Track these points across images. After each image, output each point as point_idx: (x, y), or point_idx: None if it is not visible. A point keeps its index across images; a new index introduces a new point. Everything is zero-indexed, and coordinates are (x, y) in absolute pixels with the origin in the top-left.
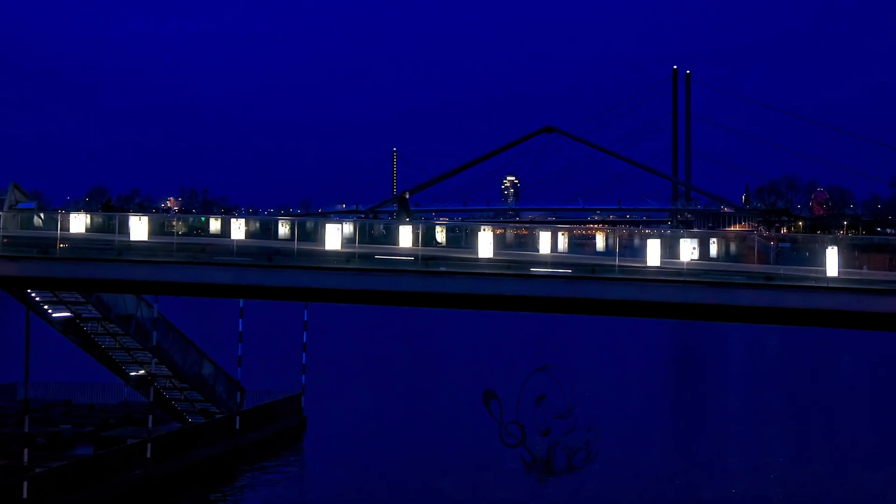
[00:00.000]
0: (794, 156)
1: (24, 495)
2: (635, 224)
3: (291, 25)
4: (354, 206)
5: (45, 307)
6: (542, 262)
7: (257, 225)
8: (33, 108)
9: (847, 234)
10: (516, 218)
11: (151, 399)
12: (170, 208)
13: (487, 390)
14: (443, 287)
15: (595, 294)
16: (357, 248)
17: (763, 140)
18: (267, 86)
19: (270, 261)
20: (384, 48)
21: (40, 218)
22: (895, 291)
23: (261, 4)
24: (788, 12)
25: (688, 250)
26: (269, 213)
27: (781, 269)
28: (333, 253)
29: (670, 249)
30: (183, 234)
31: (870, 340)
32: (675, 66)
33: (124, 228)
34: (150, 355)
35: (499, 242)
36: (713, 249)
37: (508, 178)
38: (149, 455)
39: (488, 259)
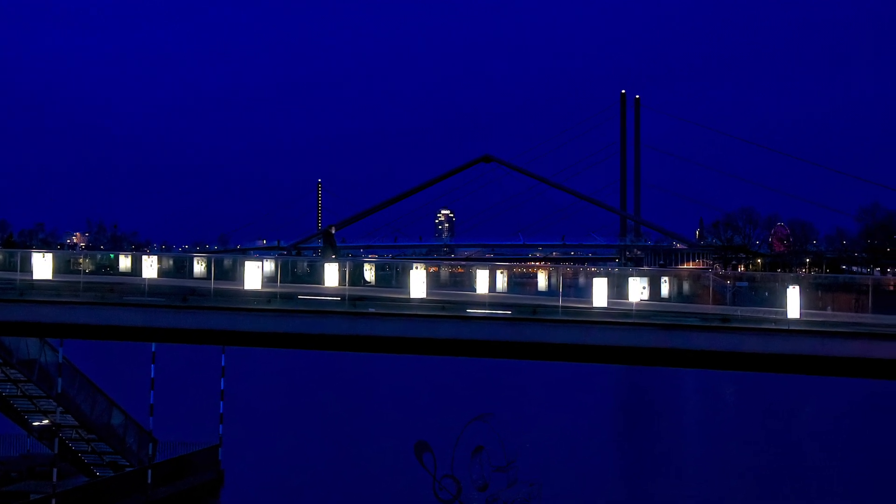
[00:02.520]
0: (753, 187)
1: None
2: (580, 262)
3: (211, 45)
4: (276, 242)
5: None
6: (480, 302)
7: (171, 262)
8: None
9: (810, 272)
10: (451, 255)
11: (56, 451)
12: (76, 244)
13: (420, 441)
14: (372, 330)
15: (537, 337)
16: (279, 288)
17: (719, 170)
18: (183, 110)
19: (185, 301)
20: (309, 70)
21: None
22: (862, 335)
23: (179, 22)
24: (746, 32)
25: (637, 290)
26: (184, 250)
27: (738, 311)
28: (253, 293)
29: (618, 289)
30: (90, 273)
31: (835, 387)
32: (623, 91)
33: (27, 266)
34: (54, 403)
35: (432, 281)
36: (665, 289)
37: (443, 211)
38: None
39: (421, 299)
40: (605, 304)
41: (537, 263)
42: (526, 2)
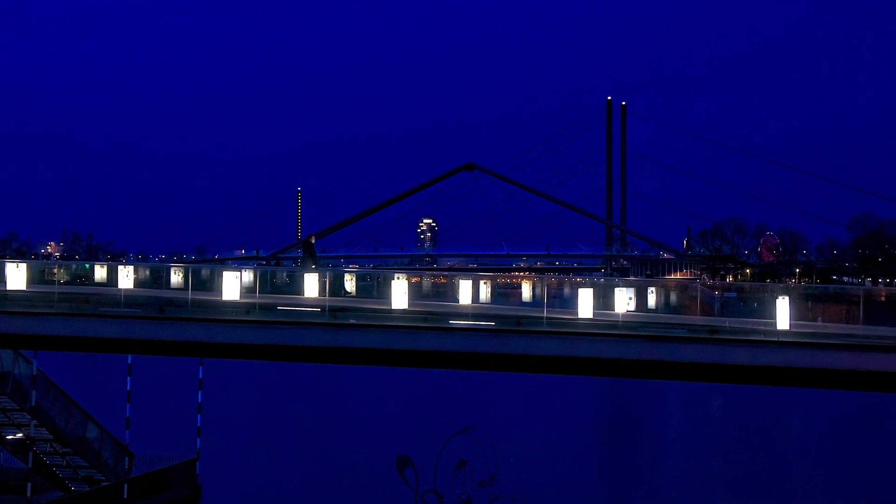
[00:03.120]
0: (742, 196)
1: None
2: (565, 272)
3: (186, 51)
4: (255, 252)
5: None
6: (463, 313)
7: (147, 273)
8: None
9: (799, 282)
10: (434, 265)
11: (30, 465)
12: (51, 254)
13: (402, 456)
14: (352, 342)
15: (521, 349)
16: (258, 299)
17: (707, 179)
18: (159, 118)
19: (162, 312)
20: (287, 76)
21: None
22: (853, 346)
23: (152, 27)
24: (734, 38)
25: (623, 301)
26: (161, 260)
27: (727, 322)
28: (231, 304)
29: (604, 300)
30: (65, 283)
31: (825, 400)
32: (609, 97)
33: (0, 277)
34: (28, 417)
35: (414, 292)
36: (651, 300)
37: (425, 220)
38: None
39: (403, 310)
40: (590, 316)
41: (521, 274)
42: (510, 7)
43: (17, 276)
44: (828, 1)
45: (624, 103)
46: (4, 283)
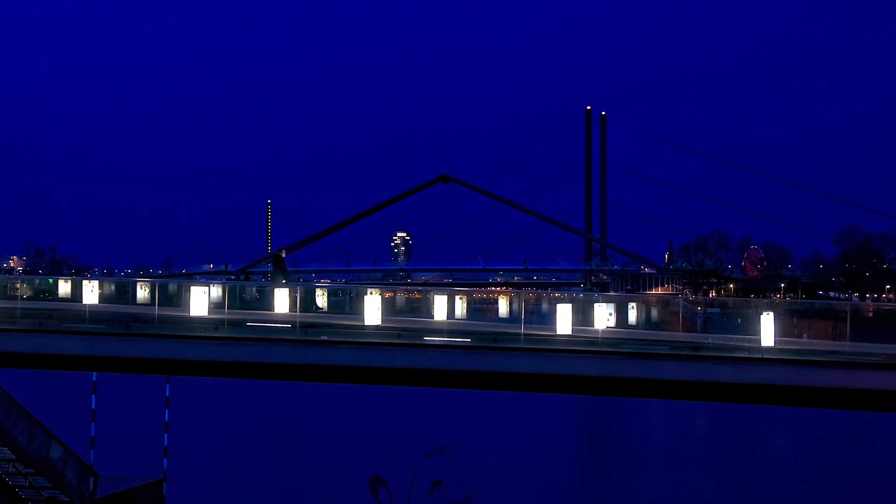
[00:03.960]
0: (725, 209)
1: None
2: (543, 286)
3: (154, 60)
4: (224, 266)
5: None
6: (438, 329)
7: (113, 288)
8: None
9: (785, 297)
10: (408, 279)
11: None
12: (13, 269)
13: (375, 476)
14: (324, 358)
15: (498, 366)
16: (226, 314)
17: (689, 191)
18: (125, 128)
19: (128, 328)
20: (257, 85)
21: None
22: (840, 364)
23: (118, 36)
24: (717, 47)
25: (603, 316)
26: (127, 275)
27: (710, 338)
28: (199, 319)
29: (583, 315)
30: (28, 298)
31: (811, 418)
32: (588, 107)
33: None
34: None
35: (388, 307)
36: (632, 315)
37: (399, 234)
38: None
39: (376, 326)
40: (569, 332)
41: (498, 289)
42: (486, 15)
43: None
44: (814, 11)
45: (604, 113)
46: None
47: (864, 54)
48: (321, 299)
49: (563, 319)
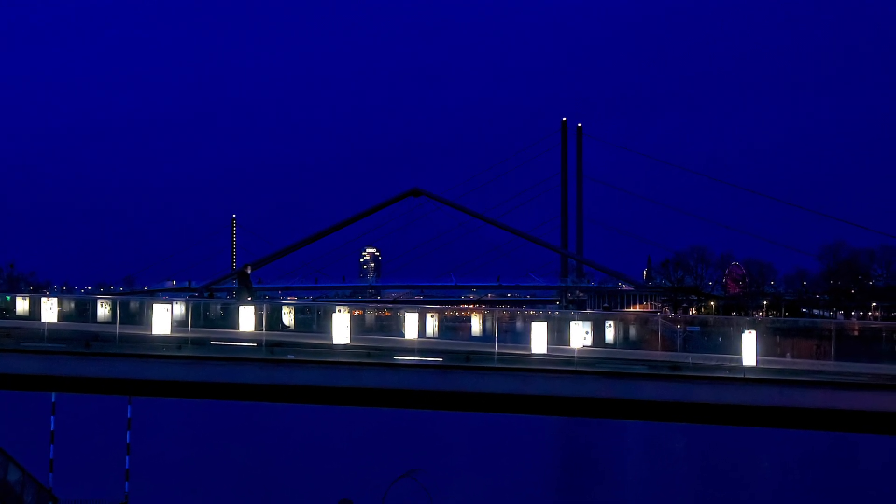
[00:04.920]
0: (705, 224)
1: None
2: (518, 304)
3: (116, 70)
4: (187, 283)
5: None
6: (409, 348)
7: (73, 305)
8: None
9: (767, 315)
10: (377, 297)
11: None
12: None
13: (344, 500)
14: (291, 378)
15: (470, 387)
16: (190, 333)
17: (668, 205)
18: (84, 140)
19: (88, 347)
20: (220, 96)
21: None
22: (824, 384)
23: (79, 46)
24: (695, 57)
25: (580, 335)
26: (87, 292)
27: (690, 357)
28: (162, 338)
29: (559, 334)
30: None
31: (795, 440)
32: (564, 118)
33: None
34: None
35: (357, 326)
36: (609, 334)
37: (368, 249)
38: None
39: (344, 345)
40: (544, 351)
41: (471, 306)
42: (458, 25)
43: None
44: (796, 22)
45: (580, 125)
46: None
47: (847, 66)
48: (288, 317)
49: (538, 338)
